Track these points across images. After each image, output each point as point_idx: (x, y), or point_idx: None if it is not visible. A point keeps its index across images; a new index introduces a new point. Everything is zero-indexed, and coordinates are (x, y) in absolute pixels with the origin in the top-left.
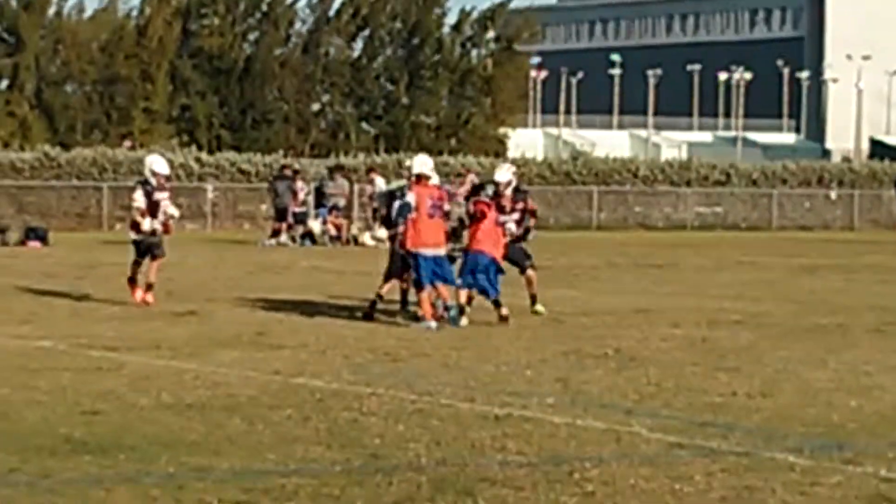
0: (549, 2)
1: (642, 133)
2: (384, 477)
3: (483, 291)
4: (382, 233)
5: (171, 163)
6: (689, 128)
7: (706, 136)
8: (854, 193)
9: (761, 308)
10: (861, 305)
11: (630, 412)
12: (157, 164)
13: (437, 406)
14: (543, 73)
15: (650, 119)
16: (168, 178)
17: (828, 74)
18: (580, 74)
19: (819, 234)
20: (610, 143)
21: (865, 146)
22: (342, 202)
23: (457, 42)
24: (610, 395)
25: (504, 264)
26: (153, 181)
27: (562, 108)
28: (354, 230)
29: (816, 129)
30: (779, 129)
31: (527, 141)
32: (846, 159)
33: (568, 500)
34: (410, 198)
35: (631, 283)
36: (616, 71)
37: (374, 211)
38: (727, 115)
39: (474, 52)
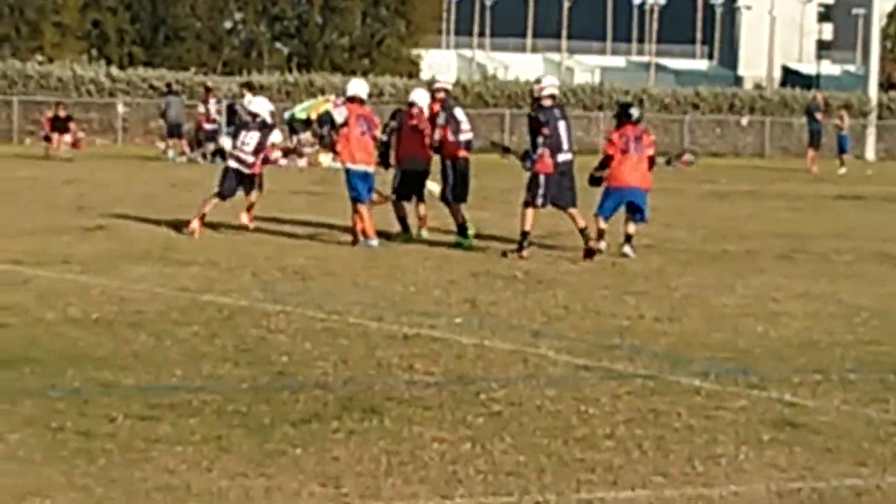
0: None
1: (555, 57)
2: (291, 394)
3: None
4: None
5: (81, 78)
6: (603, 52)
7: (619, 61)
8: (765, 121)
9: (671, 233)
10: (770, 232)
11: (537, 334)
12: None
13: (346, 325)
14: None
15: (563, 43)
16: None
17: (741, 1)
18: None
19: (730, 160)
20: (523, 66)
21: (778, 74)
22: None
23: None
24: (518, 316)
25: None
26: None
27: (475, 30)
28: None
29: (729, 56)
30: (692, 55)
31: (440, 62)
32: (758, 86)
33: (474, 420)
34: (341, 113)
35: None
36: None
37: (291, 129)
38: (640, 40)
39: None
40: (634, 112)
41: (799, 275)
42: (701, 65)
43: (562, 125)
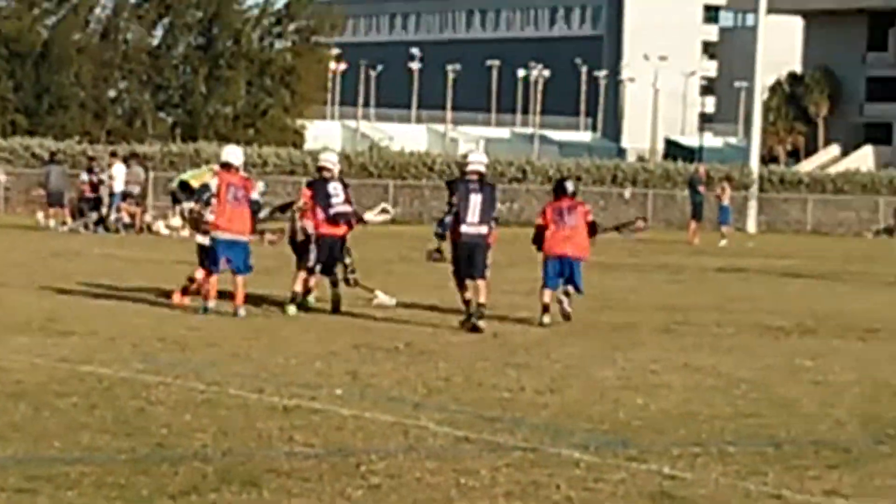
0: None
1: (440, 128)
2: (170, 466)
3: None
4: (177, 221)
5: None
6: (488, 124)
7: (504, 133)
8: (648, 193)
9: (553, 305)
10: (652, 304)
11: (418, 406)
12: None
13: (226, 396)
14: (343, 66)
15: (448, 114)
16: None
17: (625, 74)
18: (380, 67)
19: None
20: (408, 136)
21: (661, 146)
22: (136, 190)
23: (256, 32)
24: (399, 388)
25: None
26: None
27: (360, 100)
28: (148, 218)
29: (613, 128)
30: (576, 127)
31: (325, 133)
32: (641, 158)
33: (353, 493)
34: (213, 182)
35: (424, 277)
36: (415, 65)
37: (174, 199)
38: (525, 111)
39: (277, 43)
40: (569, 186)
41: (679, 347)
42: (584, 136)
43: (474, 198)
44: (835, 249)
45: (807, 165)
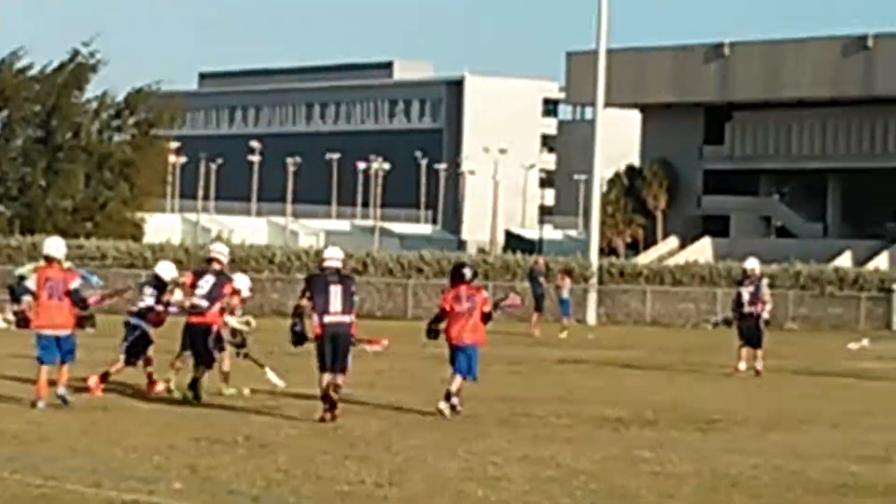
0: (190, 87)
1: (280, 220)
2: None
3: None
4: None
5: None
6: (328, 216)
7: (344, 225)
8: (488, 285)
9: (394, 396)
10: (492, 395)
11: (257, 499)
12: None
13: (62, 491)
14: (183, 159)
15: (289, 206)
16: None
17: (465, 166)
18: (219, 160)
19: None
20: (248, 229)
21: (501, 238)
22: None
23: (95, 125)
24: (238, 481)
25: None
26: None
27: (200, 193)
28: None
29: (453, 221)
30: (416, 219)
31: (165, 226)
32: (481, 250)
33: None
34: (31, 281)
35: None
36: (255, 158)
37: (12, 292)
38: (365, 204)
39: (115, 136)
40: (467, 272)
41: (520, 438)
42: (425, 229)
43: (334, 289)
44: (674, 340)
45: (646, 257)
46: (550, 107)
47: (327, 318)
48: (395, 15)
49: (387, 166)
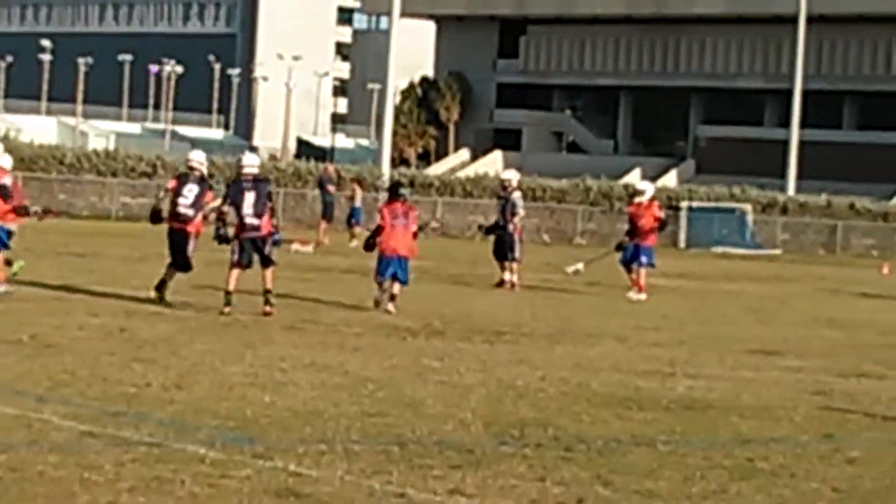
0: None
1: (70, 121)
2: None
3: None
4: None
5: None
6: (119, 118)
7: (135, 128)
8: (280, 191)
9: (181, 299)
10: (279, 303)
11: (42, 399)
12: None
13: None
14: None
15: (79, 107)
16: None
17: (258, 72)
18: (9, 58)
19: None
20: (37, 128)
21: (292, 145)
22: None
23: None
24: (23, 381)
25: None
26: None
27: None
28: None
29: (245, 126)
30: (208, 124)
31: None
32: (273, 157)
33: None
34: None
35: (50, 271)
36: (46, 57)
37: None
38: (157, 107)
39: None
40: (405, 191)
41: (307, 345)
42: (217, 134)
43: (248, 195)
44: (462, 252)
45: (437, 169)
46: (345, 15)
47: (247, 220)
48: None
49: (179, 69)
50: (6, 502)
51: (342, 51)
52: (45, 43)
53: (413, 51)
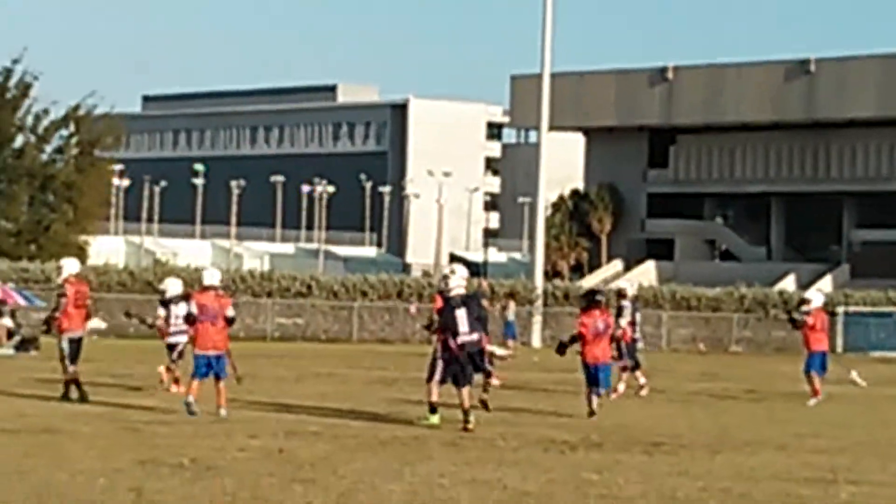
0: (133, 110)
1: (225, 243)
2: None
3: None
4: None
5: None
6: (272, 239)
7: (288, 248)
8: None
9: (339, 420)
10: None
11: None
12: None
13: None
14: (126, 181)
15: (233, 229)
16: None
17: (409, 189)
18: (163, 183)
19: (399, 347)
20: (192, 252)
21: (445, 261)
22: None
23: (37, 147)
24: None
25: None
26: None
27: (144, 216)
28: None
29: (397, 243)
30: (361, 242)
31: (109, 248)
32: (426, 273)
33: None
34: None
35: (207, 393)
36: (199, 181)
37: None
38: (310, 227)
39: (58, 159)
40: (601, 298)
41: (466, 461)
42: (370, 252)
43: (460, 312)
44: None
45: (590, 280)
46: (494, 130)
47: (461, 339)
48: (340, 38)
49: (331, 189)
50: None
51: (492, 165)
52: (199, 167)
53: (562, 163)
